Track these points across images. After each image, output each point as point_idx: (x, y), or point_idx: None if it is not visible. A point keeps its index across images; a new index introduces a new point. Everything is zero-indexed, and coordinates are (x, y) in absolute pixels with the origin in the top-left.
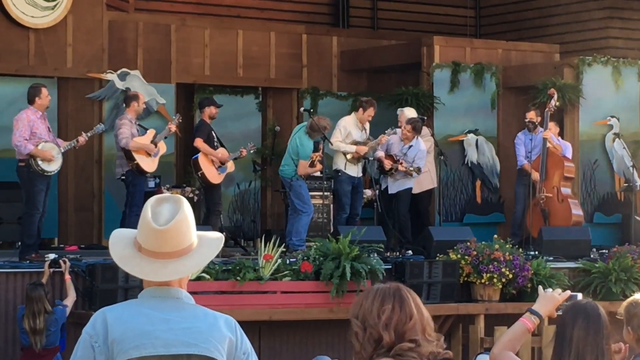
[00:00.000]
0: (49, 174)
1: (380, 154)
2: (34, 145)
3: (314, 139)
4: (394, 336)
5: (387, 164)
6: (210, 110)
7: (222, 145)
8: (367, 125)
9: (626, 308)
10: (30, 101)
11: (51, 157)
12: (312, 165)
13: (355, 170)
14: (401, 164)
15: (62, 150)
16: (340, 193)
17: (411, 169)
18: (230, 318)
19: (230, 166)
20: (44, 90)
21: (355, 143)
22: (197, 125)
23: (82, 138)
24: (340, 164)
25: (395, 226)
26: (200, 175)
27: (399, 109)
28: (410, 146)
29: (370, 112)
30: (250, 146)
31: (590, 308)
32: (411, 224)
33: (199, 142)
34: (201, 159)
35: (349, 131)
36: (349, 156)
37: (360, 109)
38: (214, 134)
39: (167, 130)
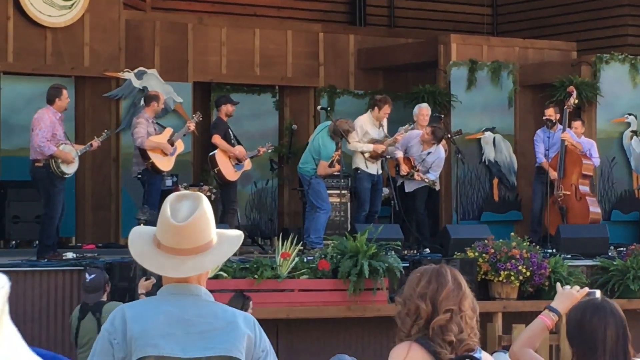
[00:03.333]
0: (67, 175)
1: (399, 155)
2: (56, 147)
3: (335, 140)
4: (430, 306)
5: (404, 169)
6: (227, 108)
7: (239, 143)
8: (385, 122)
9: None
10: (50, 101)
11: (72, 160)
12: (331, 165)
13: (374, 168)
14: (418, 171)
15: (79, 154)
16: (360, 191)
17: (427, 181)
18: (249, 316)
19: (247, 164)
20: (65, 92)
21: (374, 141)
22: (214, 123)
23: (96, 142)
24: (359, 162)
25: (412, 224)
26: (216, 172)
27: (416, 106)
28: (429, 152)
29: (386, 109)
30: (268, 146)
31: (615, 309)
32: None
33: (217, 139)
34: (218, 156)
35: (365, 130)
36: (366, 155)
37: (376, 108)
38: (230, 132)
39: (186, 128)
